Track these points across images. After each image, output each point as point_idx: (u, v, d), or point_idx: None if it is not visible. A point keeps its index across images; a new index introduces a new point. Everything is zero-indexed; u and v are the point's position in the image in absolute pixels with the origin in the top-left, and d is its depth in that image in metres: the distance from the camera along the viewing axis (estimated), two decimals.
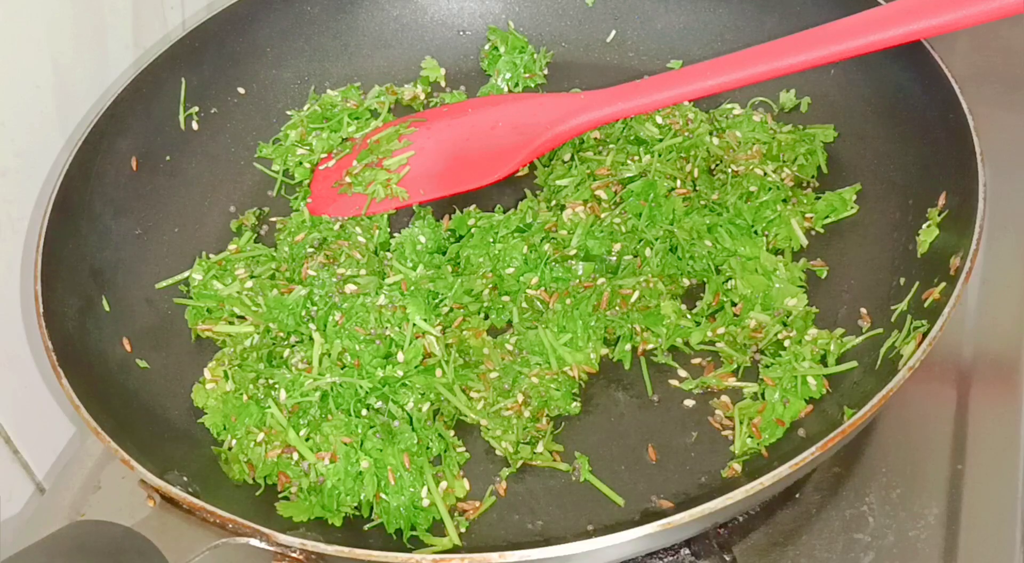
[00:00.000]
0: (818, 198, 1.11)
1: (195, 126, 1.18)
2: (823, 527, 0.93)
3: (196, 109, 1.17)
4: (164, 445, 0.96)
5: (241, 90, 1.25)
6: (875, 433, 0.99)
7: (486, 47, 1.32)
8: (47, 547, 0.74)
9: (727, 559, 0.89)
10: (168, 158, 1.17)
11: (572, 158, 1.16)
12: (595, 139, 1.18)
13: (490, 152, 1.17)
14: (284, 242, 1.12)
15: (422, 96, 1.29)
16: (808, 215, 1.09)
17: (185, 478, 0.85)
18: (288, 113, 1.27)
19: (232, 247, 1.13)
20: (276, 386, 0.96)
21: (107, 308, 1.04)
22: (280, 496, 0.92)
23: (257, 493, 0.93)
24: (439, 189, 1.16)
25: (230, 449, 0.96)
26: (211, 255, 1.13)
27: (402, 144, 1.19)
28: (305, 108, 1.27)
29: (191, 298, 1.08)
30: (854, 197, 1.10)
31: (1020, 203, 1.18)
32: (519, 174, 1.18)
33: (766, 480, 0.77)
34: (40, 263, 0.97)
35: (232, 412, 0.96)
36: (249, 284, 1.06)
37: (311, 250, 1.09)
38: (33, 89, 1.11)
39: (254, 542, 0.79)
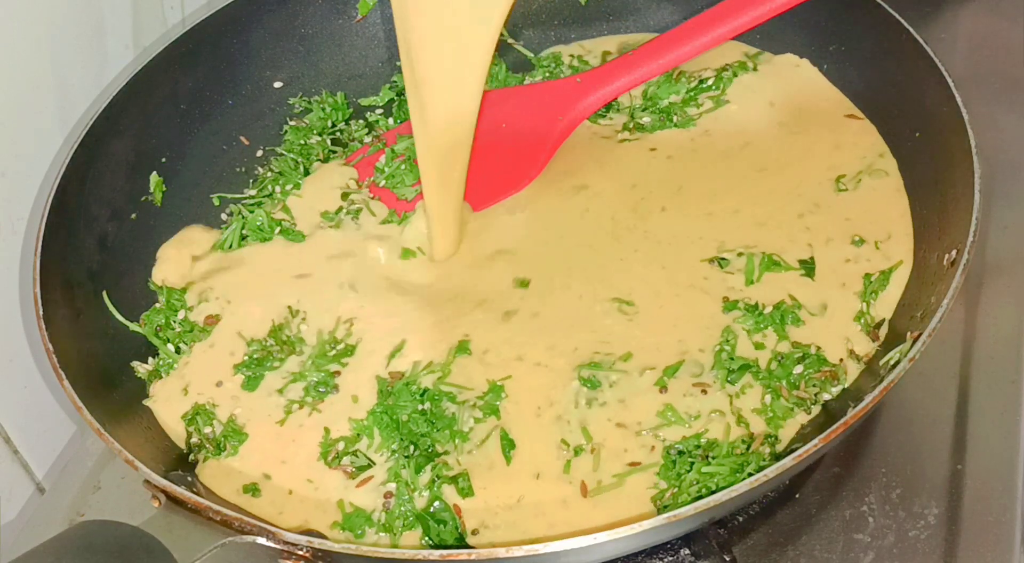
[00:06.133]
0: None
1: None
2: (823, 527, 0.93)
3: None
4: (167, 445, 0.97)
5: (236, 92, 1.25)
6: (875, 433, 0.99)
7: None
8: (56, 547, 0.73)
9: (727, 559, 0.89)
10: (164, 160, 1.16)
11: None
12: None
13: (508, 158, 1.16)
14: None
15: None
16: None
17: (189, 477, 0.85)
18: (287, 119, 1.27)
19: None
20: None
21: (105, 309, 1.04)
22: None
23: None
24: (473, 205, 1.14)
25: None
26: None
27: (406, 166, 1.18)
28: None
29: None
30: None
31: (1020, 203, 1.18)
32: None
33: (770, 472, 0.77)
34: (39, 265, 0.97)
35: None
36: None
37: None
38: (33, 89, 1.11)
39: (261, 540, 0.78)
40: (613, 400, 0.95)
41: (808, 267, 1.03)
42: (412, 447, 0.94)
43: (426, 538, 0.90)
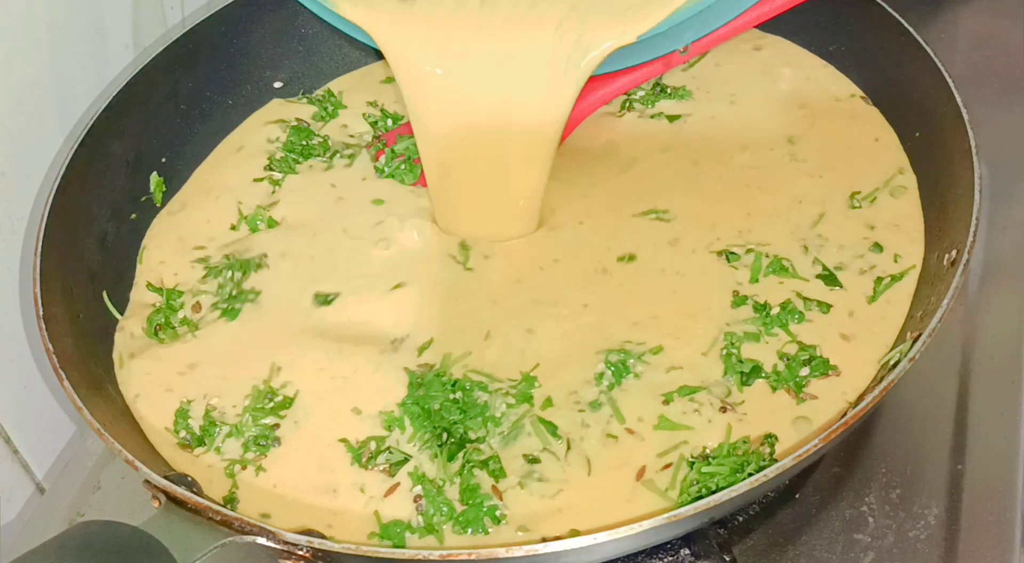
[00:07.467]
0: None
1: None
2: (823, 527, 0.93)
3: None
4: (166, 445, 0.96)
5: (236, 92, 1.25)
6: (875, 433, 0.99)
7: None
8: (56, 547, 0.73)
9: (727, 559, 0.89)
10: (164, 160, 1.16)
11: None
12: None
13: None
14: None
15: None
16: None
17: (189, 477, 0.85)
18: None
19: None
20: None
21: (105, 309, 1.04)
22: None
23: None
24: None
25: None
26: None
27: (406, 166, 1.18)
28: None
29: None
30: None
31: (1019, 202, 1.18)
32: None
33: (770, 472, 0.77)
34: (39, 265, 0.97)
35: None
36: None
37: None
38: (33, 89, 1.11)
39: (261, 540, 0.78)
40: (637, 391, 0.95)
41: (826, 277, 1.02)
42: (445, 434, 0.93)
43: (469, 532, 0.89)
